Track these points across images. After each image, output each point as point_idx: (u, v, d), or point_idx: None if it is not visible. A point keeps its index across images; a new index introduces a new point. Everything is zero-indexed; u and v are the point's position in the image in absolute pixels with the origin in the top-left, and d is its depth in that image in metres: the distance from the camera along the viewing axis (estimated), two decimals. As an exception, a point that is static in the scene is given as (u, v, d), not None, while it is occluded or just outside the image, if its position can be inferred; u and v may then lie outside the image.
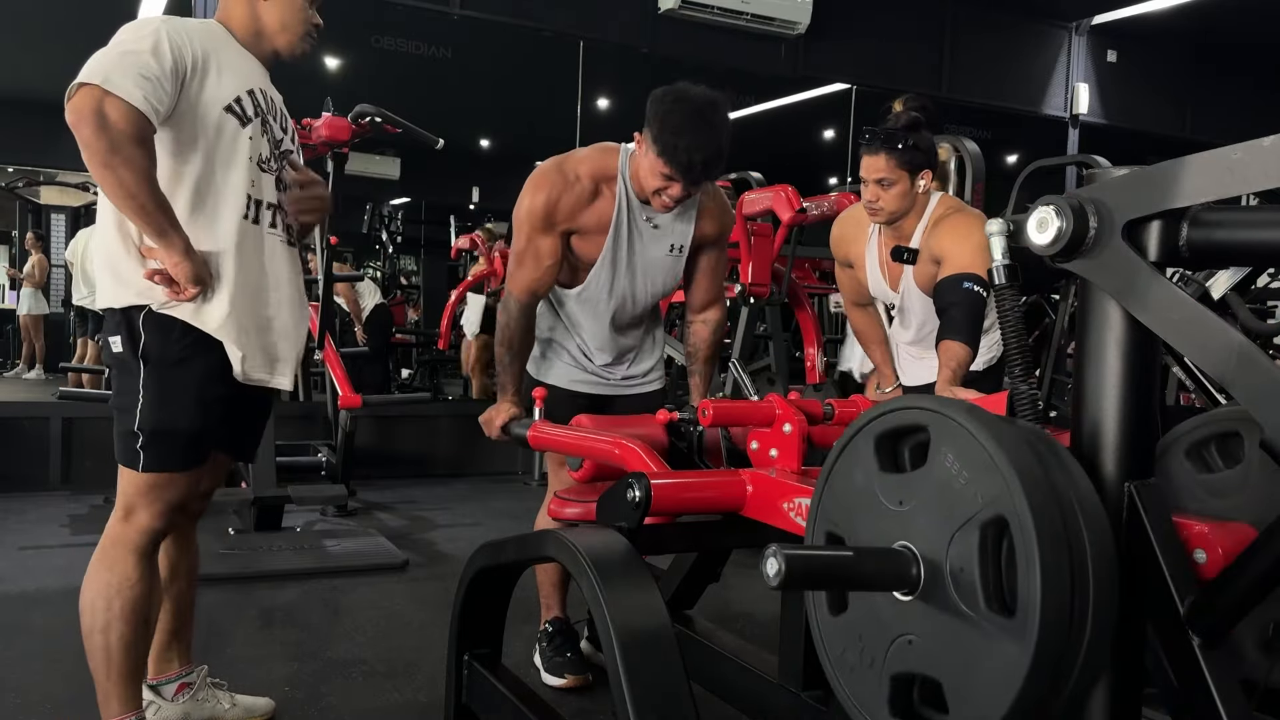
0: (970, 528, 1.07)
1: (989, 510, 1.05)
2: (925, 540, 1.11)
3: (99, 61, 1.77)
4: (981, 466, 1.07)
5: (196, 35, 1.89)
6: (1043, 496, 1.03)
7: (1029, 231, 1.22)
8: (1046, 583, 1.00)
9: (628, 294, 2.42)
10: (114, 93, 1.73)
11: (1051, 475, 1.07)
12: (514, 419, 2.30)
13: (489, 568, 1.96)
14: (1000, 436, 1.07)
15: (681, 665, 1.48)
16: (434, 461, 5.74)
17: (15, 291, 10.87)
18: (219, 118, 1.91)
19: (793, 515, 1.53)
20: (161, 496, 1.94)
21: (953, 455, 1.10)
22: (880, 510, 1.17)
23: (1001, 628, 1.03)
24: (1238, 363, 1.08)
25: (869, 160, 2.55)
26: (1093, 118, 7.98)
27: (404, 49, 6.58)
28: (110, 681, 1.92)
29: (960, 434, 1.10)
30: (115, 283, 1.91)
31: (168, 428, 1.91)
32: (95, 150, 1.73)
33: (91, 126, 1.72)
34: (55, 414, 4.96)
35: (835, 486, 1.26)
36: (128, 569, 1.91)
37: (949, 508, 1.10)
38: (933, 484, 1.12)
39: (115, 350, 1.93)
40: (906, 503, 1.15)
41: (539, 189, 2.30)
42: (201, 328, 1.91)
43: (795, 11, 6.45)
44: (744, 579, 3.39)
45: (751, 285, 4.24)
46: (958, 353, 2.36)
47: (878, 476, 1.19)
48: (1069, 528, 1.04)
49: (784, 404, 1.75)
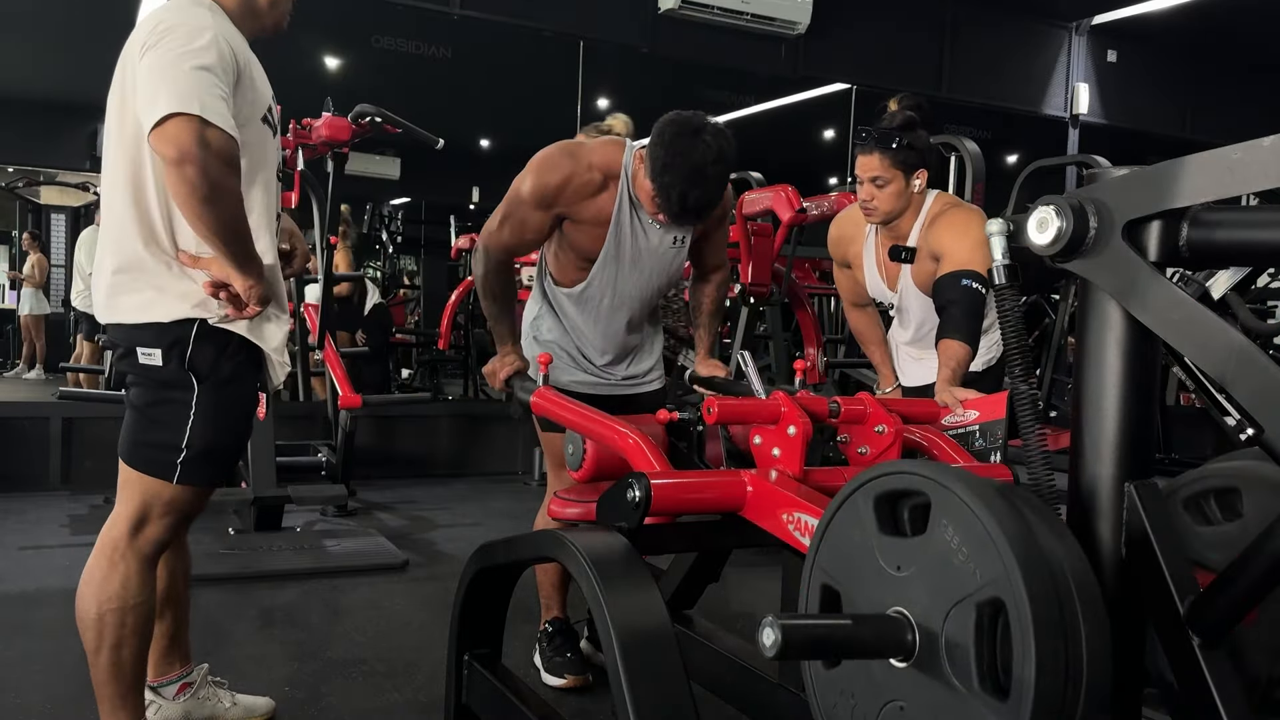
0: (967, 604, 1.06)
1: (987, 590, 1.05)
2: (922, 609, 1.11)
3: (181, 83, 1.66)
4: (980, 544, 1.06)
5: (234, 38, 1.81)
6: (1040, 583, 1.03)
7: (1029, 231, 1.22)
8: (1041, 670, 1.00)
9: (631, 290, 2.41)
10: (214, 123, 1.65)
11: (1049, 557, 1.06)
12: (518, 374, 2.29)
13: (489, 568, 1.96)
14: (999, 515, 1.06)
15: (681, 665, 1.48)
16: (434, 461, 5.74)
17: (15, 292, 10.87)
18: (259, 130, 1.87)
19: (791, 528, 1.52)
20: (184, 509, 1.92)
21: (952, 528, 1.09)
22: (878, 572, 1.17)
23: (994, 710, 1.03)
24: (1238, 363, 1.08)
25: (864, 159, 2.55)
26: (1093, 118, 7.98)
27: (404, 49, 6.57)
28: (119, 695, 1.88)
29: (960, 507, 1.09)
30: (158, 295, 1.82)
31: (218, 445, 1.89)
32: (199, 187, 1.65)
33: (198, 163, 1.63)
34: (55, 414, 4.96)
35: (833, 540, 1.25)
36: (140, 582, 1.87)
37: (947, 581, 1.09)
38: (932, 554, 1.12)
39: (151, 363, 1.84)
40: (905, 568, 1.14)
41: (552, 170, 2.26)
42: (263, 346, 1.89)
43: (795, 11, 6.46)
44: (744, 579, 3.39)
45: (751, 285, 4.25)
46: (957, 352, 2.36)
47: (876, 537, 1.18)
48: (1065, 613, 1.04)
49: (790, 404, 1.73)
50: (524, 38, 6.33)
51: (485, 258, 2.35)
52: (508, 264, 2.38)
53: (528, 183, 2.27)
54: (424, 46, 6.56)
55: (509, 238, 2.31)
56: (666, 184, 2.11)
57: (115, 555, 1.87)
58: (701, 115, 2.15)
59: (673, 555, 2.54)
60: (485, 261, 2.35)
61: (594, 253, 2.35)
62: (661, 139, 2.12)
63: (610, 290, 2.40)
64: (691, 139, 2.09)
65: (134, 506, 1.88)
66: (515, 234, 2.31)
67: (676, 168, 2.09)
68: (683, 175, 2.10)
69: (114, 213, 1.85)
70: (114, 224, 1.85)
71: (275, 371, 1.95)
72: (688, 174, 2.09)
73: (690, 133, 2.10)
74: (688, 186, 2.10)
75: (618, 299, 2.41)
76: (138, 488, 1.88)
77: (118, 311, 1.86)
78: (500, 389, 2.32)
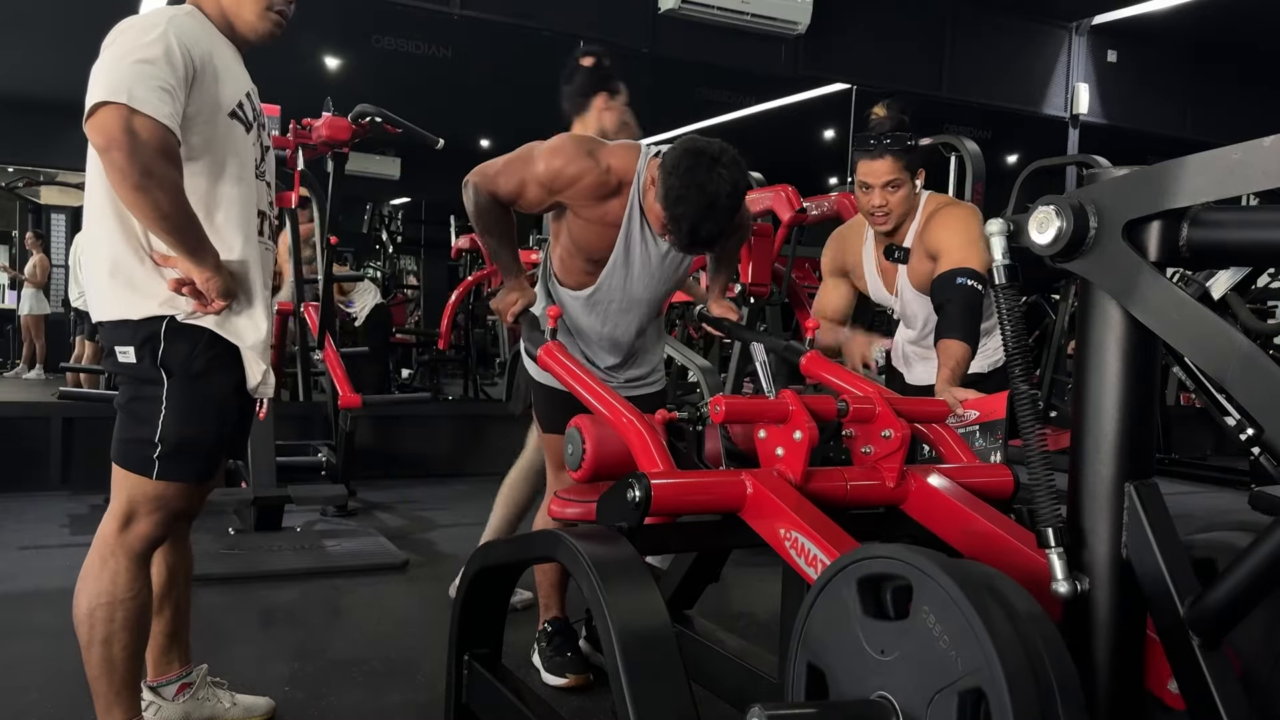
0: (949, 693, 1.07)
1: (969, 680, 1.06)
2: (905, 696, 1.12)
3: (116, 74, 1.70)
4: (961, 633, 1.07)
5: (199, 36, 1.84)
6: (1021, 673, 1.04)
7: (1029, 231, 1.22)
8: None
9: (640, 294, 2.39)
10: (142, 110, 1.67)
11: (1029, 648, 1.07)
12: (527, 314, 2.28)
13: (489, 568, 1.96)
14: (979, 604, 1.07)
15: (681, 665, 1.48)
16: (434, 461, 5.74)
17: (15, 292, 10.88)
18: (225, 124, 1.87)
19: (788, 547, 1.52)
20: (168, 505, 1.92)
21: (934, 616, 1.10)
22: (863, 655, 1.18)
23: None
24: (1238, 363, 1.08)
25: (873, 165, 2.51)
26: (1093, 118, 7.98)
27: (404, 49, 6.58)
28: (113, 691, 1.89)
29: (940, 594, 1.10)
30: (130, 293, 1.84)
31: (191, 440, 1.89)
32: (127, 173, 1.67)
33: (123, 149, 1.65)
34: (55, 414, 4.96)
35: (817, 620, 1.26)
36: (129, 578, 1.88)
37: (930, 668, 1.10)
38: (914, 639, 1.12)
39: (127, 360, 1.86)
40: (888, 653, 1.15)
41: (570, 163, 2.22)
42: (236, 343, 1.90)
43: (795, 11, 6.45)
44: (744, 579, 3.40)
45: (751, 285, 4.24)
46: (955, 351, 2.35)
47: (860, 620, 1.19)
48: (1045, 704, 1.05)
49: (798, 405, 1.71)
50: (524, 38, 6.32)
51: (475, 194, 2.30)
52: (498, 201, 2.33)
53: (542, 164, 2.23)
54: (424, 46, 6.57)
55: (502, 189, 2.28)
56: (679, 215, 2.08)
57: (106, 552, 1.89)
58: (718, 144, 2.10)
59: (672, 555, 2.54)
60: (475, 198, 2.30)
61: (602, 255, 2.32)
62: (677, 169, 2.07)
63: (619, 294, 2.38)
64: (707, 172, 2.05)
65: (122, 504, 1.90)
66: (508, 193, 2.28)
67: (690, 200, 2.05)
68: (695, 207, 2.05)
69: (94, 213, 1.86)
70: (95, 224, 1.87)
71: (251, 369, 1.93)
72: (700, 207, 2.05)
73: (706, 165, 2.06)
74: (699, 219, 2.06)
75: (626, 302, 2.39)
76: (125, 485, 1.90)
77: (100, 309, 1.90)
78: (509, 325, 2.30)
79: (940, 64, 7.46)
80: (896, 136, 2.50)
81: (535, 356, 2.10)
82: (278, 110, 4.28)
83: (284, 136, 4.30)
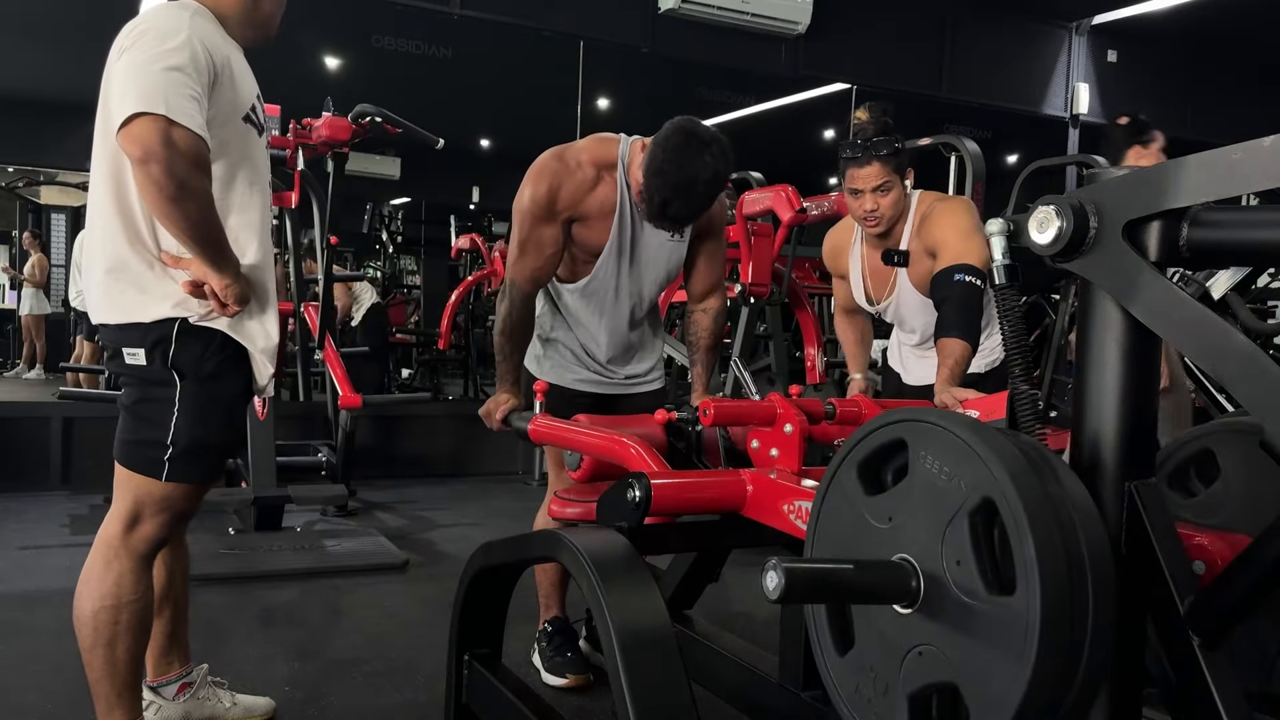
0: (960, 519, 1.08)
1: (975, 495, 1.07)
2: (919, 546, 1.12)
3: (148, 83, 1.67)
4: (961, 457, 1.09)
5: (217, 39, 1.82)
6: (1024, 470, 1.05)
7: (1029, 231, 1.22)
8: (1040, 547, 1.01)
9: (634, 283, 2.41)
10: (180, 122, 1.66)
11: (1025, 450, 1.09)
12: (515, 410, 2.30)
13: (489, 568, 1.96)
14: (972, 426, 1.10)
15: (681, 665, 1.48)
16: (434, 461, 5.74)
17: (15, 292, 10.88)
18: (240, 128, 1.87)
19: (792, 518, 1.53)
20: (176, 506, 1.92)
21: (932, 455, 1.12)
22: (871, 532, 1.18)
23: (1006, 608, 1.03)
24: (1238, 363, 1.08)
25: (862, 171, 2.51)
26: (1093, 118, 7.97)
27: (404, 49, 6.57)
28: (115, 693, 1.89)
29: (936, 433, 1.12)
30: (140, 295, 1.84)
31: (203, 442, 1.89)
32: (165, 186, 1.66)
33: (162, 162, 1.64)
34: (55, 414, 4.97)
35: (826, 520, 1.26)
36: (134, 580, 1.88)
37: (936, 506, 1.11)
38: (918, 489, 1.14)
39: (136, 363, 1.86)
40: (895, 517, 1.16)
41: (541, 178, 2.28)
42: (249, 346, 1.90)
43: (795, 11, 6.45)
44: (744, 579, 3.39)
45: (751, 285, 4.24)
46: (955, 350, 2.33)
47: (864, 501, 1.20)
48: (1053, 497, 1.06)
49: (785, 404, 1.74)
50: (524, 38, 6.32)
51: (512, 292, 2.35)
52: (532, 301, 2.38)
53: (525, 198, 2.29)
54: (424, 46, 6.56)
55: (533, 259, 2.31)
56: (653, 186, 2.13)
57: (110, 554, 1.88)
58: (712, 132, 2.14)
59: (672, 555, 2.54)
60: (511, 297, 2.35)
61: (599, 246, 2.36)
62: (667, 143, 2.12)
63: (614, 282, 2.40)
64: (694, 154, 2.09)
65: (127, 505, 1.89)
66: (536, 255, 2.31)
67: (668, 175, 2.10)
68: (671, 184, 2.10)
69: (99, 215, 1.85)
70: (100, 226, 1.86)
71: (259, 371, 1.94)
72: (677, 184, 2.10)
73: (695, 147, 2.10)
74: (671, 195, 2.11)
75: (621, 291, 2.41)
76: (130, 486, 1.89)
77: (106, 312, 1.88)
78: (498, 429, 2.33)
79: (940, 64, 7.45)
80: (882, 140, 2.50)
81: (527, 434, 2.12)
82: (278, 110, 4.28)
83: (284, 136, 4.30)
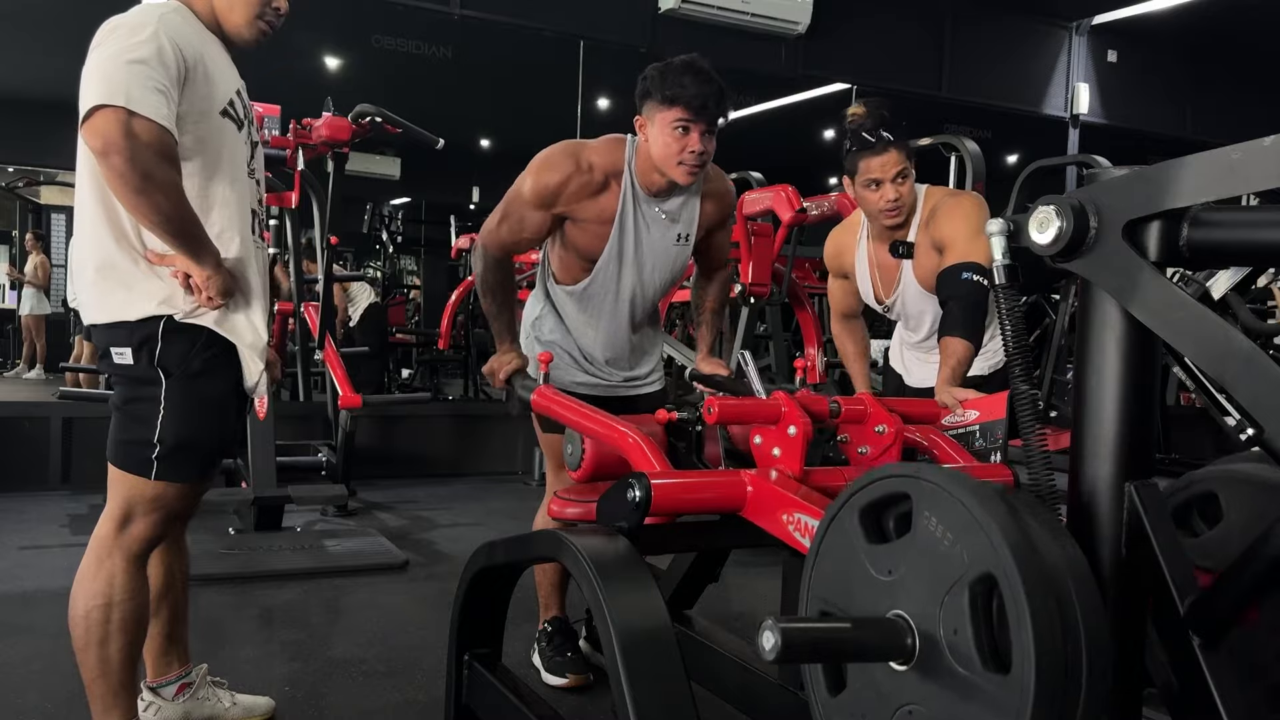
0: (959, 588, 1.07)
1: (976, 568, 1.05)
2: (917, 606, 1.11)
3: (110, 76, 1.68)
4: (964, 526, 1.07)
5: (189, 34, 1.82)
6: (1026, 549, 1.04)
7: (1029, 231, 1.22)
8: (1038, 631, 1.00)
9: (637, 287, 2.40)
10: (140, 112, 1.66)
11: (1030, 528, 1.07)
12: (518, 372, 2.30)
13: (489, 568, 1.96)
14: (979, 494, 1.07)
15: (681, 665, 1.48)
16: (434, 461, 5.74)
17: (15, 292, 10.88)
18: (217, 123, 1.87)
19: (791, 529, 1.51)
20: (166, 506, 1.91)
21: (935, 518, 1.10)
22: (870, 582, 1.17)
23: (1000, 686, 1.03)
24: (1238, 363, 1.08)
25: (880, 159, 2.45)
26: (1093, 118, 7.98)
27: (404, 49, 6.58)
28: (110, 693, 1.88)
29: (940, 496, 1.10)
30: (126, 294, 1.84)
31: (190, 440, 1.89)
32: (128, 177, 1.65)
33: (123, 153, 1.64)
34: (55, 414, 4.96)
35: (824, 562, 1.25)
36: (126, 579, 1.87)
37: (937, 571, 1.09)
38: (919, 548, 1.12)
39: (124, 362, 1.86)
40: (895, 571, 1.15)
41: (552, 170, 2.27)
42: (235, 341, 1.89)
43: (795, 11, 6.46)
44: (744, 579, 3.39)
45: (752, 285, 4.24)
46: (957, 350, 2.31)
47: (865, 549, 1.19)
48: (1054, 577, 1.05)
49: (790, 404, 1.72)
50: (524, 38, 6.33)
51: (483, 255, 2.37)
52: (506, 262, 2.39)
53: (528, 182, 2.27)
54: (424, 46, 6.57)
55: (507, 235, 2.32)
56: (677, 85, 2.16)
57: (102, 553, 1.88)
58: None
59: (672, 555, 2.54)
60: (484, 259, 2.37)
61: (597, 252, 2.35)
62: (650, 75, 2.22)
63: (614, 287, 2.39)
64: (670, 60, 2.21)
65: (119, 504, 1.89)
66: (513, 232, 2.32)
67: (676, 72, 2.16)
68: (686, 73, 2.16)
69: (85, 214, 1.85)
70: (86, 225, 1.85)
71: (249, 368, 1.93)
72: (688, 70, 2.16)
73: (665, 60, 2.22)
74: (694, 76, 2.16)
75: (621, 296, 2.41)
76: (121, 486, 1.89)
77: (95, 312, 1.89)
78: (500, 387, 2.32)
79: (940, 64, 7.46)
80: (896, 127, 2.47)
81: (529, 403, 2.11)
82: (278, 110, 4.28)
83: (284, 136, 4.29)
